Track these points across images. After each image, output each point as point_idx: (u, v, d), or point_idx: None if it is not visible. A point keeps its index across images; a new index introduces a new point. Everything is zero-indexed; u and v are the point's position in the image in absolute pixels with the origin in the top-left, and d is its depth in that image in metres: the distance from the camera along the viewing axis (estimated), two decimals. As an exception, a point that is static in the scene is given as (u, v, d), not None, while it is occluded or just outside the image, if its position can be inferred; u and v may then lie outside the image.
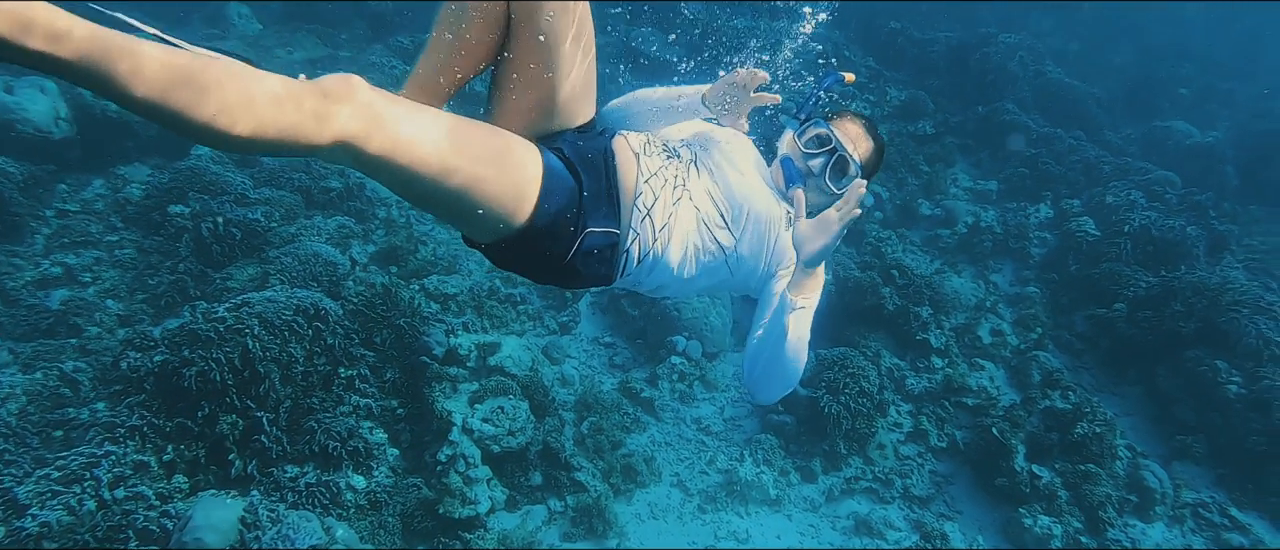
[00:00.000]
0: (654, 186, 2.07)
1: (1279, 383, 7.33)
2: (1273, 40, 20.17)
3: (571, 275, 2.06)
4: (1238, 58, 18.27)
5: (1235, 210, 11.47)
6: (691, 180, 2.18)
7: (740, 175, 2.20)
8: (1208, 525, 6.80)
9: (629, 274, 2.11)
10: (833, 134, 2.26)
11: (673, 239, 2.10)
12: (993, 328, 8.08)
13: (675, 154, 2.21)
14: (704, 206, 2.16)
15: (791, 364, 2.02)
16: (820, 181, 2.26)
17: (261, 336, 4.83)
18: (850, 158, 2.24)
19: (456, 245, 7.48)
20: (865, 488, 6.49)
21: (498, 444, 5.35)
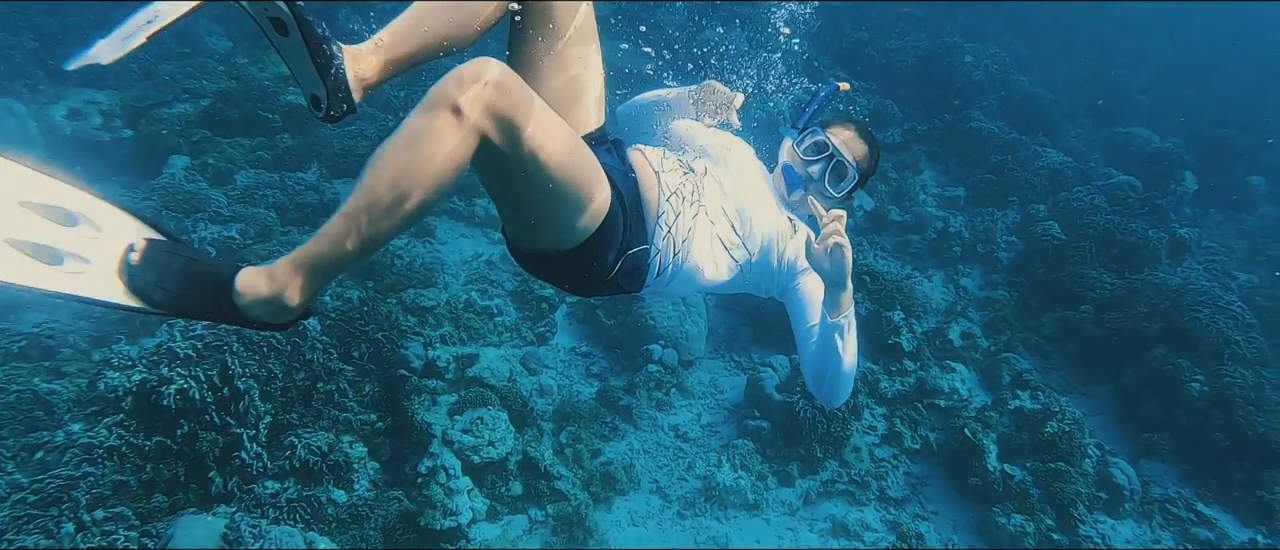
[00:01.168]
0: (674, 204, 2.18)
1: (1240, 380, 7.54)
2: (1226, 48, 20.71)
3: (605, 288, 2.16)
4: (1191, 64, 18.72)
5: (1195, 213, 11.78)
6: (706, 195, 2.29)
7: (748, 188, 2.35)
8: (1175, 520, 6.96)
9: (650, 285, 2.23)
10: (829, 141, 2.40)
11: (691, 252, 2.21)
12: (963, 331, 8.22)
13: (690, 169, 2.33)
14: (718, 220, 2.28)
15: (852, 373, 2.16)
16: (820, 186, 2.41)
17: (240, 353, 4.85)
18: (847, 162, 2.39)
19: (432, 258, 7.51)
20: (842, 490, 6.58)
21: (478, 455, 5.39)
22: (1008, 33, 16.67)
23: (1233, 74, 18.72)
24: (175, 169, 7.52)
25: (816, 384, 2.19)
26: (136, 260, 1.50)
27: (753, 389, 6.93)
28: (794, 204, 2.45)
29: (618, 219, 2.00)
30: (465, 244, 8.13)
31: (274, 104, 8.40)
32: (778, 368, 7.00)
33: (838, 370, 2.12)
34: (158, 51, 9.78)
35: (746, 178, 2.39)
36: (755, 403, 6.87)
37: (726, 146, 2.50)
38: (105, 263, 1.48)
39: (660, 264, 2.17)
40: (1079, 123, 13.97)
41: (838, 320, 2.08)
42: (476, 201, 8.56)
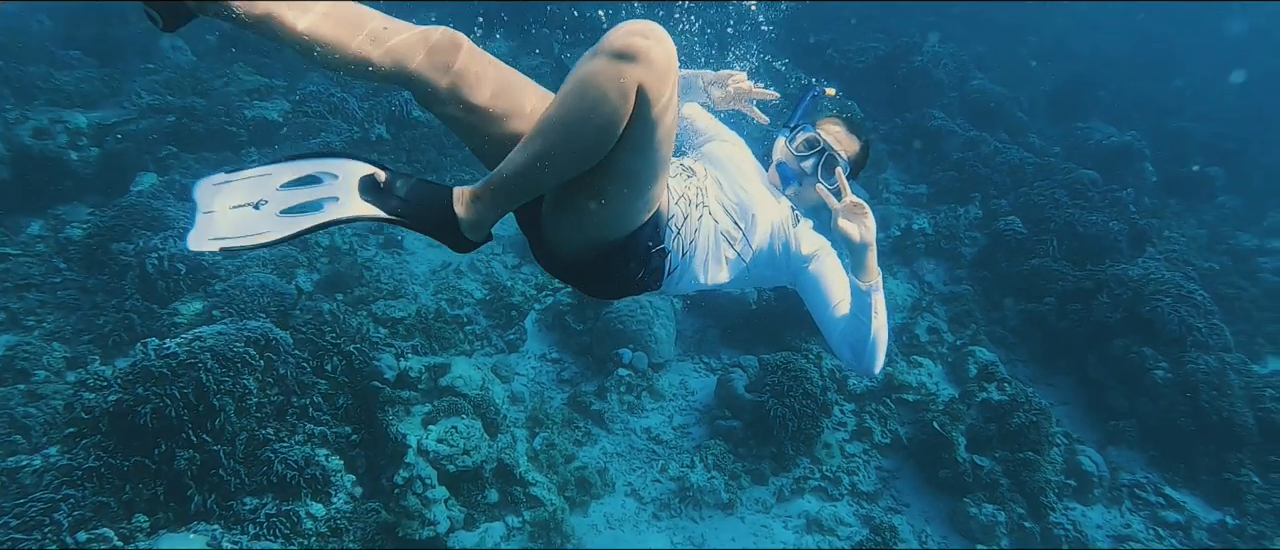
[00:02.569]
0: (682, 207, 2.30)
1: (1203, 366, 7.72)
2: (1180, 41, 21.14)
3: (630, 288, 2.30)
4: (1148, 59, 19.08)
5: (1154, 205, 12.02)
6: (708, 196, 2.42)
7: (747, 186, 2.47)
8: (1144, 504, 7.13)
9: (665, 284, 2.35)
10: (820, 137, 2.52)
11: (697, 251, 2.34)
12: (929, 326, 8.36)
13: (692, 173, 2.46)
14: (721, 219, 2.41)
15: (887, 338, 2.27)
16: (814, 180, 2.51)
17: (214, 370, 4.86)
18: (838, 156, 2.50)
19: (401, 269, 7.55)
20: (815, 486, 6.68)
21: (453, 463, 5.43)
22: (966, 32, 16.94)
23: (1186, 67, 19.12)
24: (143, 186, 7.50)
25: (856, 356, 2.27)
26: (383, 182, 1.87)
27: (723, 389, 7.01)
28: (791, 199, 2.57)
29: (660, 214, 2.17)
30: (433, 254, 8.17)
31: (238, 118, 8.40)
32: (747, 368, 7.09)
33: (875, 337, 2.23)
34: (124, 69, 9.76)
35: (744, 175, 2.51)
36: (726, 403, 6.95)
37: (726, 144, 2.67)
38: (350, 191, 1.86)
39: (670, 264, 2.28)
40: (1038, 118, 14.22)
41: (870, 284, 2.21)
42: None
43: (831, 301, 2.36)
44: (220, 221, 1.81)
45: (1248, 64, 19.33)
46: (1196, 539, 6.84)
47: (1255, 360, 9.07)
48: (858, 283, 2.22)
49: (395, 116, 9.47)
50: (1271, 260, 11.43)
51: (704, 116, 2.81)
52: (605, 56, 1.70)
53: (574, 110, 1.73)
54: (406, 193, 1.85)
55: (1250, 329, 9.45)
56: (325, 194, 1.83)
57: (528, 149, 1.79)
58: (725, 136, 2.73)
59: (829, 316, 2.36)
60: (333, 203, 1.82)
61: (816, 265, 2.41)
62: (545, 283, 7.93)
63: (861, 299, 2.22)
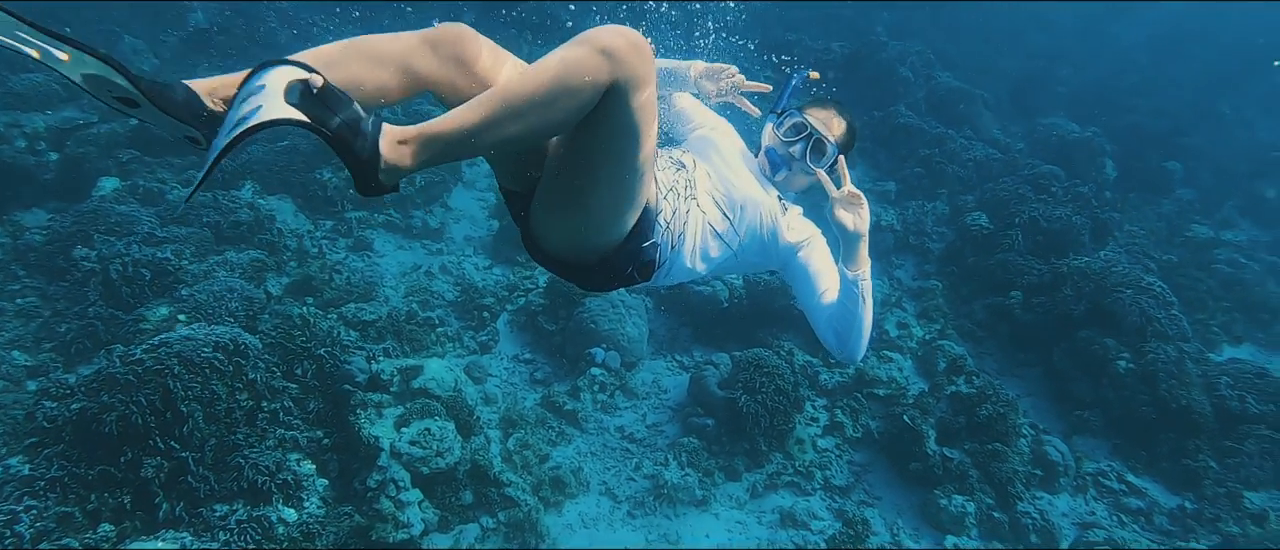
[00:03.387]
0: (670, 201, 2.32)
1: (1163, 356, 7.90)
2: (1136, 40, 21.61)
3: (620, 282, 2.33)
4: (1106, 57, 19.47)
5: (1115, 198, 12.28)
6: (696, 188, 2.44)
7: (735, 175, 2.50)
8: (1108, 492, 7.27)
9: (655, 277, 2.38)
10: (807, 121, 2.53)
11: (685, 242, 2.37)
12: (899, 321, 8.47)
13: (681, 165, 2.48)
14: (708, 209, 2.43)
15: (869, 326, 2.35)
16: (802, 165, 2.53)
17: (182, 376, 4.79)
18: (825, 139, 2.51)
19: (371, 272, 7.49)
20: (788, 482, 6.73)
21: (427, 466, 5.40)
22: (932, 30, 17.17)
23: (1139, 63, 19.55)
24: (104, 190, 7.36)
25: (840, 342, 2.36)
26: (318, 88, 1.65)
27: (696, 387, 7.04)
28: (780, 184, 2.60)
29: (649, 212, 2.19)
30: (403, 256, 8.11)
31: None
32: (719, 365, 7.12)
33: (862, 324, 2.32)
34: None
35: (733, 164, 2.54)
36: (699, 400, 6.98)
37: (715, 132, 2.69)
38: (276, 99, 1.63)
39: (659, 257, 2.31)
40: (1003, 115, 14.44)
41: (858, 275, 2.29)
42: (413, 213, 8.55)
43: (819, 289, 2.43)
44: None
45: (1196, 63, 19.85)
46: (1157, 524, 7.00)
47: (1211, 349, 9.31)
48: (847, 272, 2.30)
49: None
50: (1225, 252, 11.74)
51: (693, 104, 2.83)
52: (588, 48, 1.71)
53: (544, 89, 1.70)
54: (338, 107, 1.66)
55: (1206, 318, 9.68)
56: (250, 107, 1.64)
57: (482, 111, 1.71)
58: (714, 124, 2.77)
59: (815, 303, 2.44)
60: (256, 112, 1.62)
61: (805, 253, 2.48)
62: (517, 284, 7.92)
63: (850, 287, 2.30)
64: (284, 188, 8.06)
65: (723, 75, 2.70)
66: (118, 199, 7.19)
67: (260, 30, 11.02)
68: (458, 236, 8.67)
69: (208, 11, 11.36)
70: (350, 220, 8.15)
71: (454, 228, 8.76)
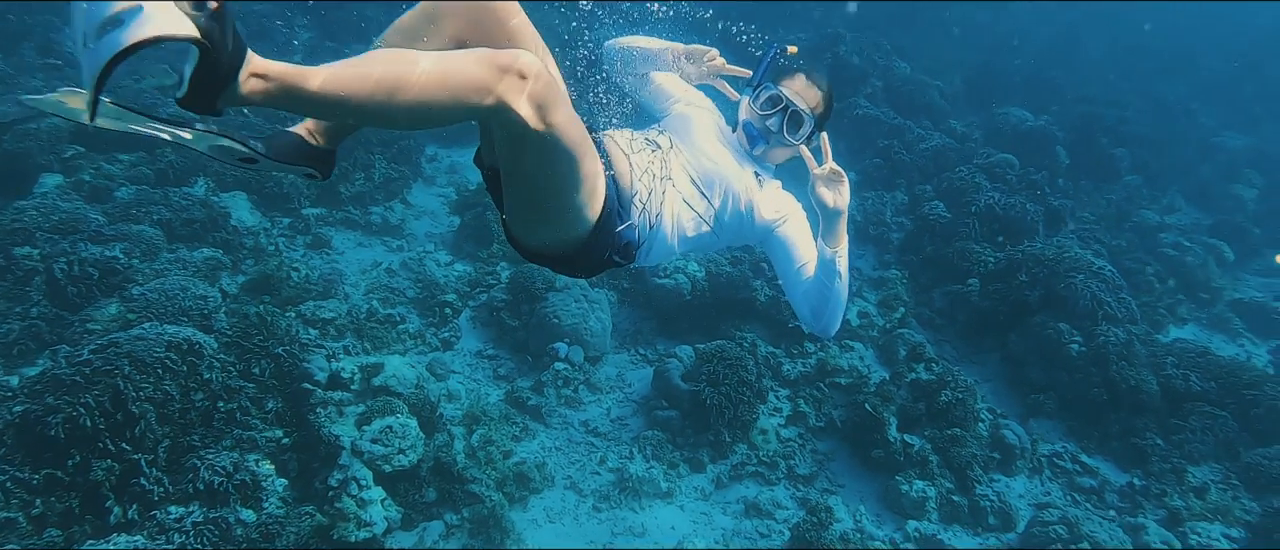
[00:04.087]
0: (645, 182, 2.34)
1: (1112, 338, 8.10)
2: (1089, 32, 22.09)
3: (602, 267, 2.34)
4: (1059, 48, 19.87)
5: (1068, 186, 12.54)
6: (672, 168, 2.46)
7: (710, 153, 2.52)
8: (1062, 473, 7.45)
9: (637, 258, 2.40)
10: (782, 93, 2.55)
11: (663, 222, 2.39)
12: (860, 310, 8.56)
13: (656, 146, 2.48)
14: (685, 188, 2.46)
15: (845, 301, 2.41)
16: (779, 138, 2.56)
17: (133, 376, 4.67)
18: (802, 111, 2.53)
19: (330, 269, 7.38)
20: (752, 472, 6.77)
21: (389, 463, 5.34)
22: (888, 22, 17.36)
23: (1094, 56, 20.00)
24: (47, 187, 7.14)
25: (815, 316, 2.39)
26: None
27: (660, 380, 7.05)
28: (759, 158, 2.62)
29: (612, 201, 2.18)
30: (363, 253, 8.00)
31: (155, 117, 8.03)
32: (683, 358, 7.13)
33: (838, 300, 2.36)
34: (19, 65, 9.28)
35: (709, 143, 2.56)
36: (663, 393, 6.99)
37: (692, 108, 2.71)
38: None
39: (638, 237, 2.33)
40: (959, 105, 14.66)
41: (836, 252, 2.32)
42: (372, 210, 8.43)
43: (797, 263, 2.46)
44: None
45: (1146, 55, 20.40)
46: (1109, 501, 7.19)
47: (1158, 330, 9.57)
48: (826, 248, 2.33)
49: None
50: (1170, 236, 12.08)
51: (672, 81, 2.84)
52: (490, 72, 1.63)
53: (432, 99, 1.59)
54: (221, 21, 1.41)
55: (1153, 301, 9.94)
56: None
57: (360, 89, 1.55)
58: (692, 100, 2.78)
59: (793, 277, 2.47)
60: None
61: (784, 228, 2.51)
62: (479, 280, 7.84)
63: (828, 264, 2.34)
64: (238, 184, 7.89)
65: (703, 58, 2.74)
66: (62, 196, 6.98)
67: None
68: (419, 233, 8.56)
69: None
70: (308, 217, 8.01)
71: (415, 224, 8.65)
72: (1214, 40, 24.41)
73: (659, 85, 2.85)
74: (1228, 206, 14.07)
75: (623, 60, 2.84)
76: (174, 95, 1.51)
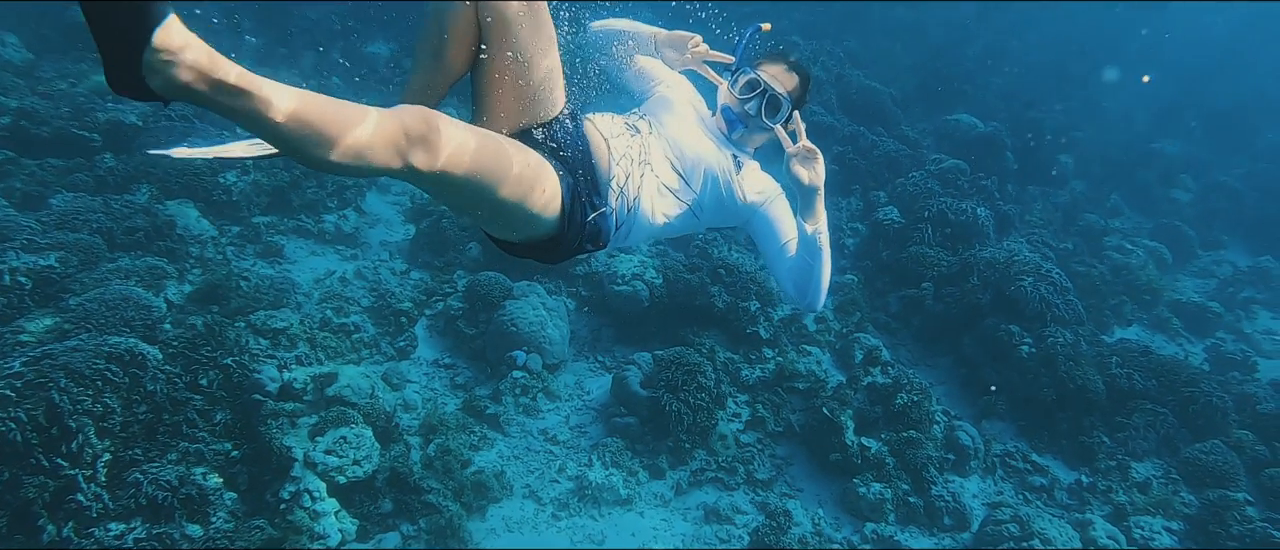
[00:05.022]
0: (623, 166, 2.38)
1: (1060, 340, 8.28)
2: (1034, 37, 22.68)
3: (575, 253, 2.39)
4: (1002, 53, 20.33)
5: (1016, 191, 12.82)
6: (651, 152, 2.50)
7: (689, 137, 2.56)
8: (1014, 472, 7.61)
9: (613, 241, 2.45)
10: (760, 78, 2.59)
11: (641, 205, 2.42)
12: (817, 315, 8.62)
13: (635, 130, 2.52)
14: (663, 172, 2.50)
15: (827, 276, 2.50)
16: (758, 122, 2.60)
17: (69, 389, 4.50)
18: (779, 94, 2.57)
19: (282, 279, 7.20)
20: (711, 478, 6.77)
21: (343, 475, 5.23)
22: (840, 30, 17.59)
23: (1034, 61, 20.51)
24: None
25: (800, 292, 2.48)
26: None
27: (618, 387, 7.02)
28: (738, 142, 2.66)
29: (577, 199, 2.22)
30: (316, 262, 7.83)
31: (91, 121, 7.77)
32: (641, 364, 7.11)
33: (820, 275, 2.44)
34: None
35: (689, 127, 2.60)
36: (621, 400, 6.96)
37: (672, 91, 2.75)
38: None
39: (616, 221, 2.38)
40: (911, 112, 14.89)
41: (816, 229, 2.40)
42: (325, 218, 8.26)
43: (779, 241, 2.54)
44: None
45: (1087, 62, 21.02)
46: (1058, 499, 7.37)
47: (1103, 331, 9.83)
48: (806, 225, 2.41)
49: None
50: (1114, 239, 12.44)
51: (654, 64, 2.88)
52: (396, 129, 1.68)
53: (342, 137, 1.59)
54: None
55: (1098, 302, 10.19)
56: None
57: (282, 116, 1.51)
58: (673, 82, 2.82)
59: (776, 255, 2.55)
60: None
61: (766, 208, 2.58)
62: (435, 288, 7.73)
63: (809, 241, 2.42)
64: (185, 192, 7.65)
65: (686, 44, 2.77)
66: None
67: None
68: (373, 241, 8.41)
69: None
70: (258, 226, 7.81)
71: (369, 233, 8.50)
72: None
73: (641, 69, 2.88)
74: (1166, 210, 14.54)
75: (606, 43, 2.88)
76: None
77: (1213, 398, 8.33)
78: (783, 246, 2.52)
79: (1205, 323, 10.92)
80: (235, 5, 11.14)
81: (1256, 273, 12.60)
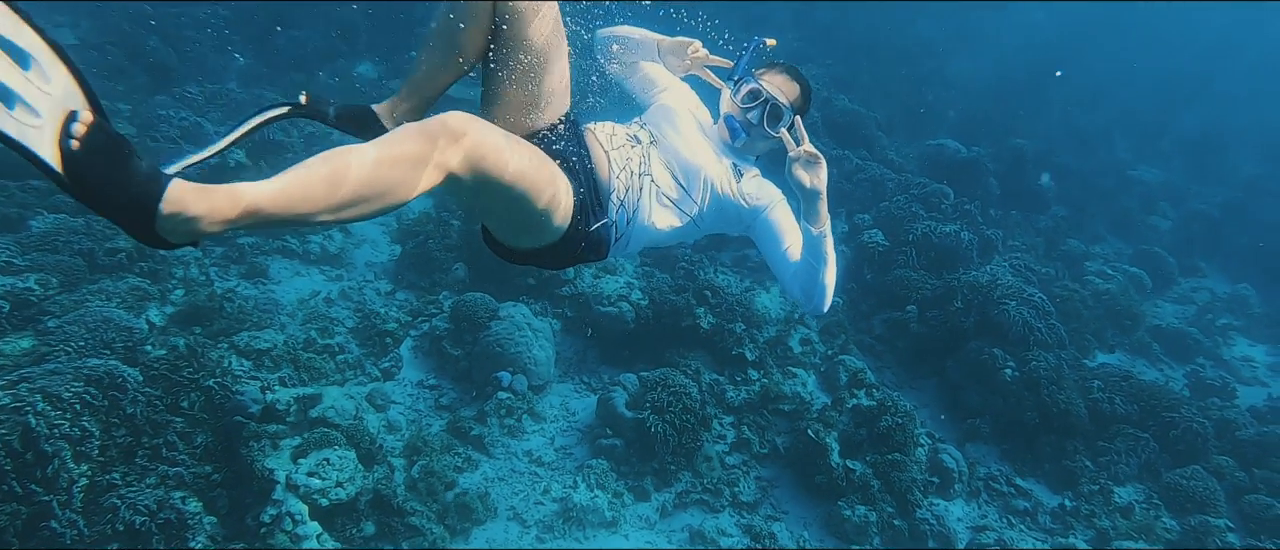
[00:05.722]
0: (623, 178, 2.43)
1: (1043, 364, 8.34)
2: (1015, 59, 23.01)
3: (577, 261, 2.46)
4: (985, 79, 20.60)
5: (999, 216, 12.93)
6: (651, 162, 2.55)
7: (689, 146, 2.60)
8: (998, 495, 7.62)
9: (613, 249, 2.48)
10: (762, 87, 2.64)
11: (641, 213, 2.47)
12: (802, 337, 8.64)
13: (635, 141, 2.57)
14: (664, 182, 2.55)
15: (833, 278, 2.51)
16: (760, 130, 2.65)
17: (46, 412, 4.45)
18: (781, 103, 2.62)
19: (266, 299, 7.16)
20: (696, 500, 6.75)
21: (325, 497, 5.18)
22: (826, 55, 17.77)
23: (1017, 85, 20.79)
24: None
25: (806, 294, 2.49)
26: (79, 134, 1.39)
27: (604, 408, 7.00)
28: (741, 150, 2.71)
29: (585, 208, 2.27)
30: (301, 283, 7.79)
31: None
32: (627, 386, 7.10)
33: (825, 277, 2.45)
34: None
35: (689, 136, 2.64)
36: (607, 422, 6.94)
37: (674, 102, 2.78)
38: (51, 123, 1.38)
39: (616, 233, 2.42)
40: (895, 136, 15.02)
41: (821, 230, 2.42)
42: (310, 238, 8.23)
43: (782, 246, 2.56)
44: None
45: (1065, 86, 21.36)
46: (1042, 523, 7.38)
47: (1085, 355, 9.90)
48: (810, 229, 2.43)
49: (253, 139, 9.01)
50: (1095, 264, 12.56)
51: (658, 71, 2.92)
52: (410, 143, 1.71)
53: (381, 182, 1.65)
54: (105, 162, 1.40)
55: (1080, 327, 10.27)
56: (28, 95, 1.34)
57: (302, 191, 1.56)
58: (674, 90, 2.87)
59: (781, 260, 2.57)
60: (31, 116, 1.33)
61: (769, 214, 2.61)
62: (421, 309, 7.71)
63: (813, 243, 2.43)
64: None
65: (686, 51, 2.83)
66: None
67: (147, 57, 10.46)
68: (359, 262, 8.39)
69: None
70: (243, 246, 7.78)
71: (355, 253, 8.47)
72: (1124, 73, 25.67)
73: (645, 74, 2.93)
74: (1146, 236, 14.70)
75: (610, 48, 2.93)
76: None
77: (1193, 423, 8.40)
78: (785, 251, 2.56)
79: (1185, 348, 11.03)
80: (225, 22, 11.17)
81: (1235, 300, 12.77)
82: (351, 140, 1.86)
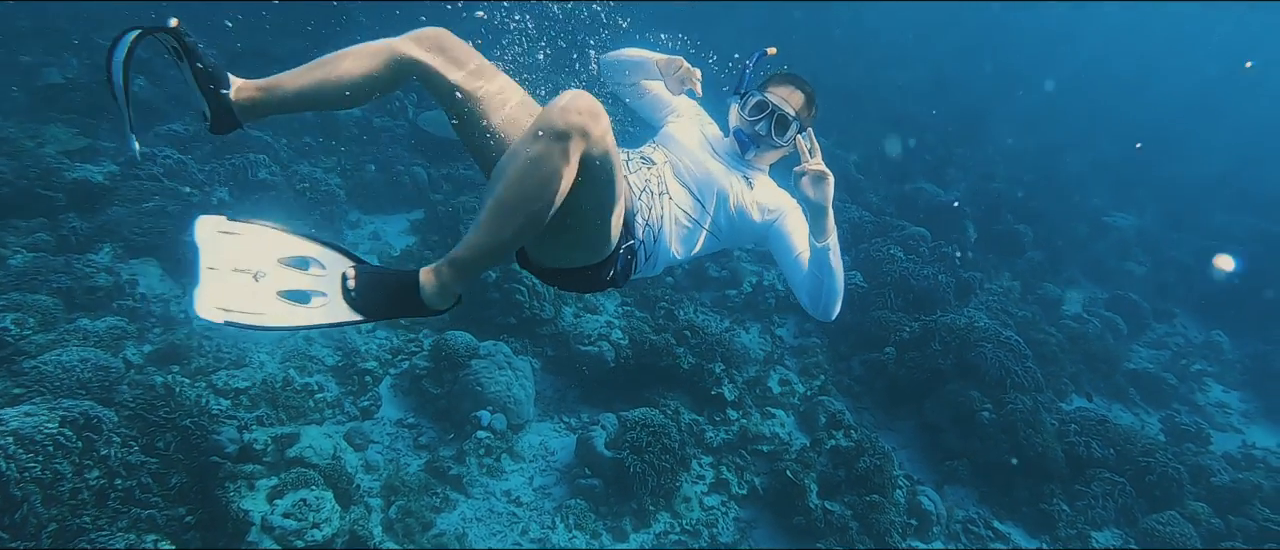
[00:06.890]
0: (645, 201, 2.50)
1: (1020, 406, 8.41)
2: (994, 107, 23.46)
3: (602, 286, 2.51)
4: (960, 123, 20.98)
5: (976, 259, 13.10)
6: (667, 182, 2.63)
7: (701, 163, 2.69)
8: (977, 539, 7.60)
9: (638, 271, 2.57)
10: (768, 99, 2.72)
11: (663, 234, 2.55)
12: (781, 378, 8.69)
13: (650, 162, 2.65)
14: (680, 200, 2.63)
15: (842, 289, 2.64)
16: (769, 141, 2.73)
17: (17, 456, 4.40)
18: (787, 114, 2.70)
19: (244, 338, 7.14)
20: (675, 541, 6.72)
21: (301, 539, 5.13)
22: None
23: (994, 133, 21.19)
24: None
25: (813, 303, 2.58)
26: (354, 285, 1.94)
27: (583, 448, 6.99)
28: (752, 161, 2.79)
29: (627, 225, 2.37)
30: (280, 320, 7.76)
31: (56, 182, 7.74)
32: (606, 426, 7.10)
33: (832, 287, 2.55)
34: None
35: (700, 153, 2.73)
36: (586, 461, 6.93)
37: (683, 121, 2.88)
38: (335, 293, 1.94)
39: (644, 253, 2.51)
40: (874, 179, 15.24)
41: (825, 243, 2.51)
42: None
43: (794, 254, 2.67)
44: (224, 286, 1.87)
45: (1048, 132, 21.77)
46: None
47: (1062, 398, 9.99)
48: (815, 241, 2.53)
49: (237, 178, 9.06)
50: (1071, 307, 12.71)
51: (662, 90, 3.00)
52: (548, 138, 1.86)
53: (527, 192, 1.88)
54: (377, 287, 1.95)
55: (1057, 370, 10.38)
56: (314, 286, 1.94)
57: (487, 230, 1.91)
58: (681, 108, 2.98)
59: (792, 266, 2.68)
60: (320, 298, 1.93)
61: (781, 223, 2.71)
62: (401, 347, 7.70)
63: (818, 254, 2.53)
64: (149, 251, 7.61)
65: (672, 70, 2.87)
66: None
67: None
68: (337, 299, 8.36)
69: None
70: (220, 283, 7.75)
71: (333, 290, 8.45)
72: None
73: (654, 95, 3.02)
74: (1121, 281, 14.92)
75: (616, 71, 3.01)
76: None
77: (1169, 468, 8.47)
78: (797, 258, 2.65)
79: (1161, 393, 11.16)
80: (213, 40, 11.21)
81: (1208, 346, 12.94)
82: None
